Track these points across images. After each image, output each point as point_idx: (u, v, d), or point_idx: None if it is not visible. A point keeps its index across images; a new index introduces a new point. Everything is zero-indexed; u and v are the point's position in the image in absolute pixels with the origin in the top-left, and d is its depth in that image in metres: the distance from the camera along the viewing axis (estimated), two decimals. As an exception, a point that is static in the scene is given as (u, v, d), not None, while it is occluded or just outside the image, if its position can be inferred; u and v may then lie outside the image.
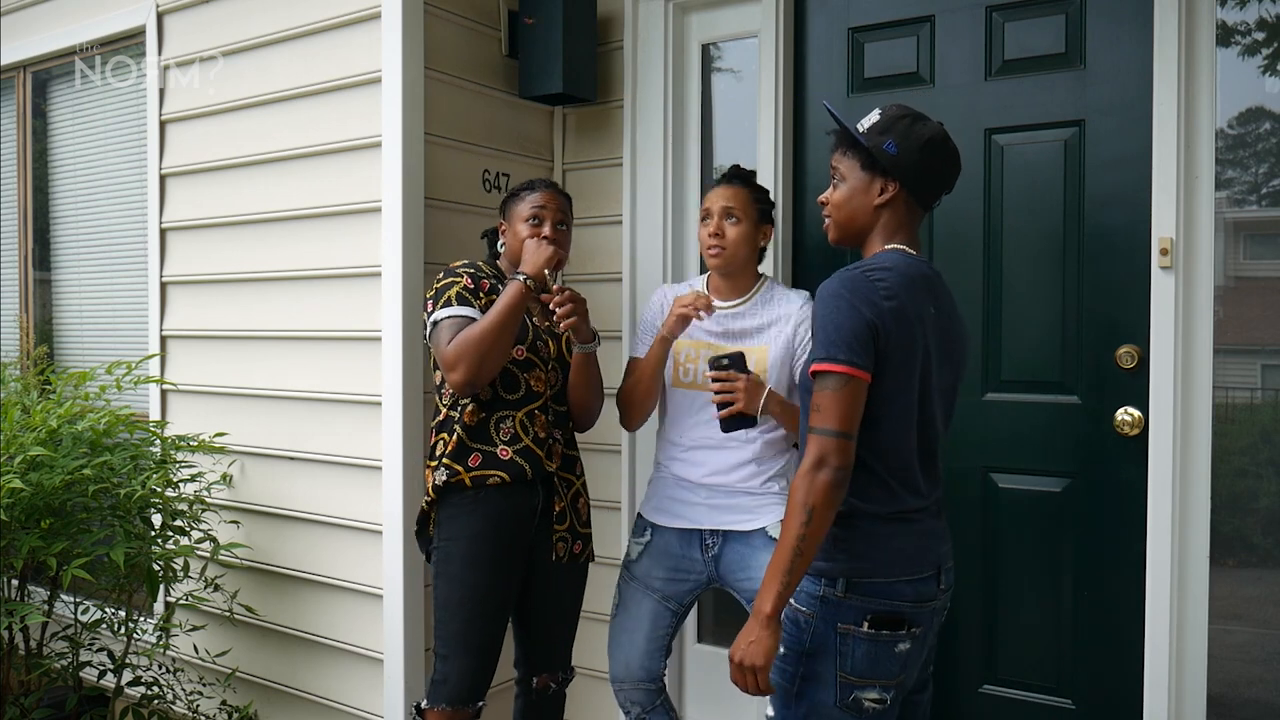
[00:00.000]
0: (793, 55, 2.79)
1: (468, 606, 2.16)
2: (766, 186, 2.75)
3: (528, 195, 2.32)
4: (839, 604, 1.71)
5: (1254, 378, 2.43)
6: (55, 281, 3.82)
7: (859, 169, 1.80)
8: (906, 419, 1.71)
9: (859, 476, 1.70)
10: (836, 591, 1.71)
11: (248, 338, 3.04)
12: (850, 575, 1.71)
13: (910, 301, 1.69)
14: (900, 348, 1.67)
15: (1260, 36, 2.33)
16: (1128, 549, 2.38)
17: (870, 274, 1.69)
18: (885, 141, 1.75)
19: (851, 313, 1.65)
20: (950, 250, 2.59)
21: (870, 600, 1.71)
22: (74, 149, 3.72)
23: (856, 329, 1.64)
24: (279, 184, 2.93)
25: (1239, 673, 2.42)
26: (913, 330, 1.68)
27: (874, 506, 1.72)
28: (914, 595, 1.73)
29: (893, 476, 1.72)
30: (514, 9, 2.91)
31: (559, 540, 2.30)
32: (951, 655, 2.61)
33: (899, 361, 1.67)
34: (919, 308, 1.70)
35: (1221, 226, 2.32)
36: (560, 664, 2.39)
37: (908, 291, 1.69)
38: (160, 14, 3.23)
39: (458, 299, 2.18)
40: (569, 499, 2.33)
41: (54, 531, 2.54)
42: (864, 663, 1.70)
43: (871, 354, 1.65)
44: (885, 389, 1.68)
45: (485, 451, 2.19)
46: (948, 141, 1.78)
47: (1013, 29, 2.51)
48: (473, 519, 2.17)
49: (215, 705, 3.06)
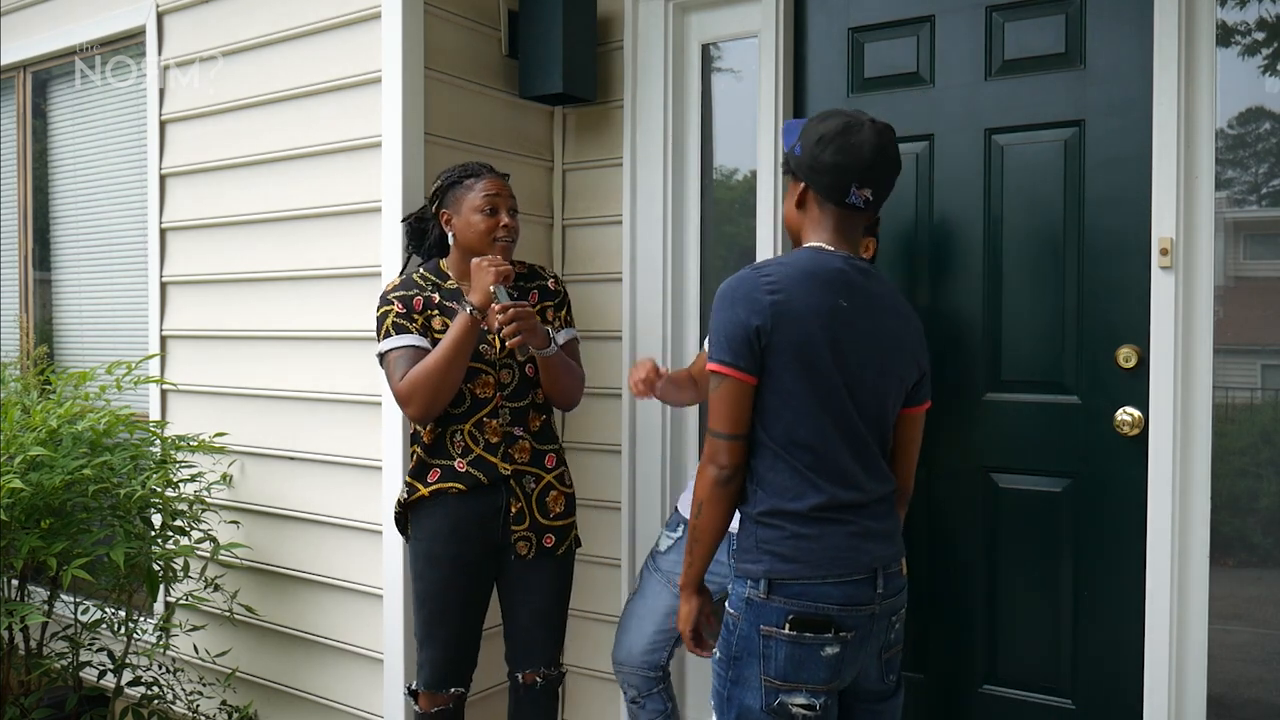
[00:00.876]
0: (793, 55, 2.79)
1: (430, 602, 2.30)
2: (766, 183, 2.77)
3: (475, 183, 2.33)
4: (762, 605, 1.70)
5: (1254, 378, 2.43)
6: (55, 281, 3.82)
7: (786, 177, 1.90)
8: (816, 413, 1.70)
9: (776, 473, 1.72)
10: (759, 593, 1.70)
11: (248, 338, 3.04)
12: (772, 576, 1.70)
13: (802, 296, 1.70)
14: (791, 343, 1.68)
15: (1260, 36, 2.33)
16: (1128, 549, 2.38)
17: (760, 270, 1.74)
18: (794, 145, 1.83)
19: (730, 314, 1.70)
20: (950, 250, 2.59)
21: (792, 602, 1.69)
22: (74, 149, 3.72)
23: (733, 330, 1.69)
24: (279, 184, 2.93)
25: (1239, 673, 2.42)
26: (804, 325, 1.69)
27: (796, 504, 1.71)
28: (842, 598, 1.70)
29: (812, 471, 1.71)
30: (514, 9, 2.91)
31: (519, 540, 2.31)
32: (951, 655, 2.61)
33: (791, 356, 1.68)
34: (815, 302, 1.70)
35: (1221, 226, 2.32)
36: (542, 660, 2.38)
37: (801, 286, 1.70)
38: (160, 14, 3.23)
39: (394, 329, 2.28)
40: (536, 495, 2.33)
41: (54, 531, 2.54)
42: (787, 666, 1.69)
43: (751, 354, 1.69)
44: (783, 383, 1.69)
45: (444, 466, 2.30)
46: (849, 134, 1.75)
47: (1013, 29, 2.51)
48: (432, 520, 2.30)
49: (215, 705, 3.06)
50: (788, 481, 1.71)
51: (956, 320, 2.59)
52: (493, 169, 2.38)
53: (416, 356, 2.23)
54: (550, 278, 2.47)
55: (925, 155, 2.62)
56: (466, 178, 2.34)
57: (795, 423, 1.70)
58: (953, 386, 2.59)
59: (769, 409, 1.71)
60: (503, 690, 2.72)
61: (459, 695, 2.36)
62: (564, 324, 2.44)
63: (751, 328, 1.67)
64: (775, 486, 1.72)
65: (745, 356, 1.69)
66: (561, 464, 2.42)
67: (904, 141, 2.64)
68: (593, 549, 2.94)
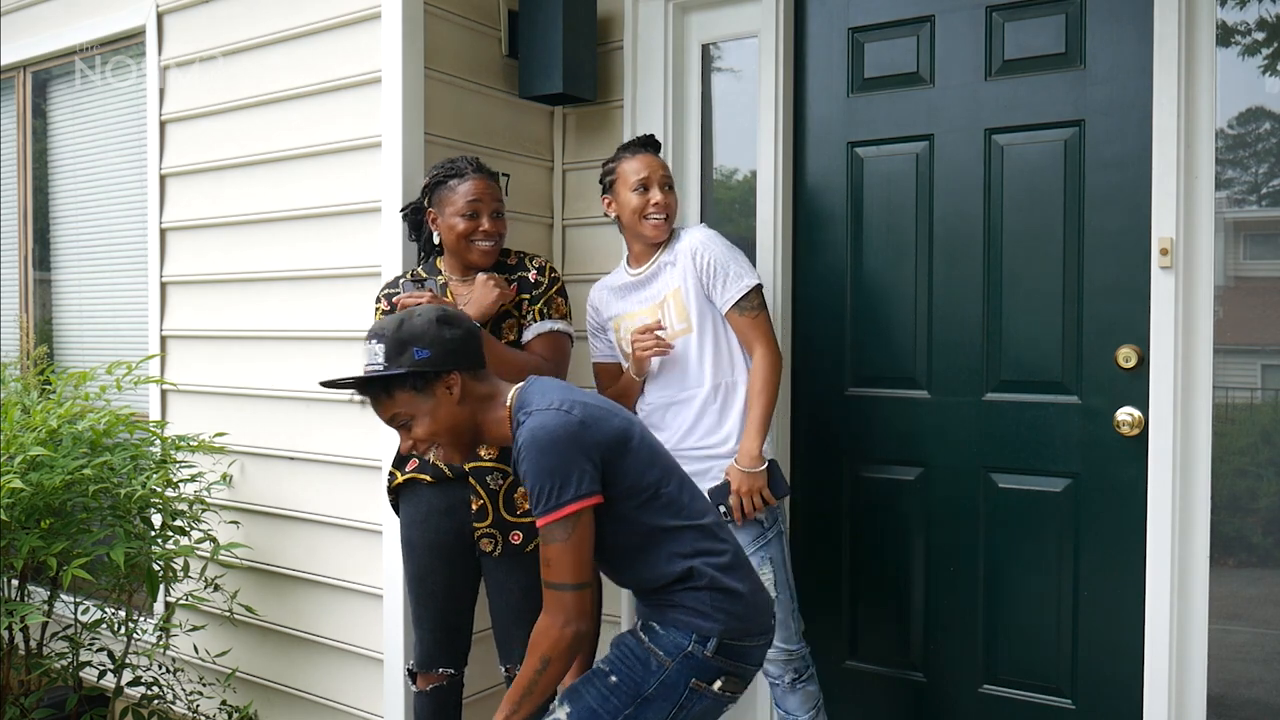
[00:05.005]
0: (793, 55, 2.79)
1: (414, 585, 2.39)
2: (766, 183, 2.77)
3: (458, 185, 2.32)
4: (703, 662, 1.74)
5: (1254, 378, 2.43)
6: (55, 281, 3.81)
7: (416, 395, 1.79)
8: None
9: (688, 534, 1.78)
10: (706, 650, 1.74)
11: (248, 338, 3.04)
12: (725, 636, 1.75)
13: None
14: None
15: (1260, 36, 2.33)
16: (1128, 549, 2.38)
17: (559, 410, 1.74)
18: (420, 356, 1.77)
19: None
20: (950, 250, 2.59)
21: (730, 662, 1.76)
22: (74, 149, 3.72)
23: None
24: (279, 184, 2.93)
25: (1239, 673, 2.42)
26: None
27: (716, 560, 1.79)
28: (757, 660, 1.82)
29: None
30: (514, 9, 2.91)
31: (483, 537, 2.31)
32: (951, 655, 2.61)
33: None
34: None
35: (1221, 226, 2.32)
36: (519, 656, 2.35)
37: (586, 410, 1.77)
38: (160, 14, 3.23)
39: None
40: (503, 491, 2.32)
41: (54, 531, 2.55)
42: (699, 716, 1.77)
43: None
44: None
45: (419, 458, 2.34)
46: (440, 311, 1.83)
47: (1013, 29, 2.51)
48: (409, 506, 2.38)
49: (215, 705, 3.05)
50: (696, 537, 1.80)
51: (956, 320, 2.59)
52: (479, 165, 2.37)
53: None
54: (533, 269, 2.41)
55: (925, 155, 2.62)
56: (451, 177, 2.33)
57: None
58: (952, 386, 2.59)
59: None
60: (504, 690, 2.72)
61: (450, 676, 2.40)
62: (542, 317, 2.37)
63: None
64: (697, 547, 1.79)
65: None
66: None
67: (904, 141, 2.66)
68: (593, 549, 2.94)
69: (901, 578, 2.68)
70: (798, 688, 2.32)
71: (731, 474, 2.29)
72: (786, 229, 2.79)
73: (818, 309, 2.78)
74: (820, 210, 2.78)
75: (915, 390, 2.65)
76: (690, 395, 2.37)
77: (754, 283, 2.36)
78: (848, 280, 2.74)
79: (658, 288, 2.40)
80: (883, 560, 2.71)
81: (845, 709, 2.75)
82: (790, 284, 2.80)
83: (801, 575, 2.78)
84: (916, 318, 2.64)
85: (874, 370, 2.71)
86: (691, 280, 2.35)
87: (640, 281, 2.44)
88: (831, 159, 2.76)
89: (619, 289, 2.49)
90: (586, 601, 1.70)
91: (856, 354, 2.73)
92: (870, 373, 2.72)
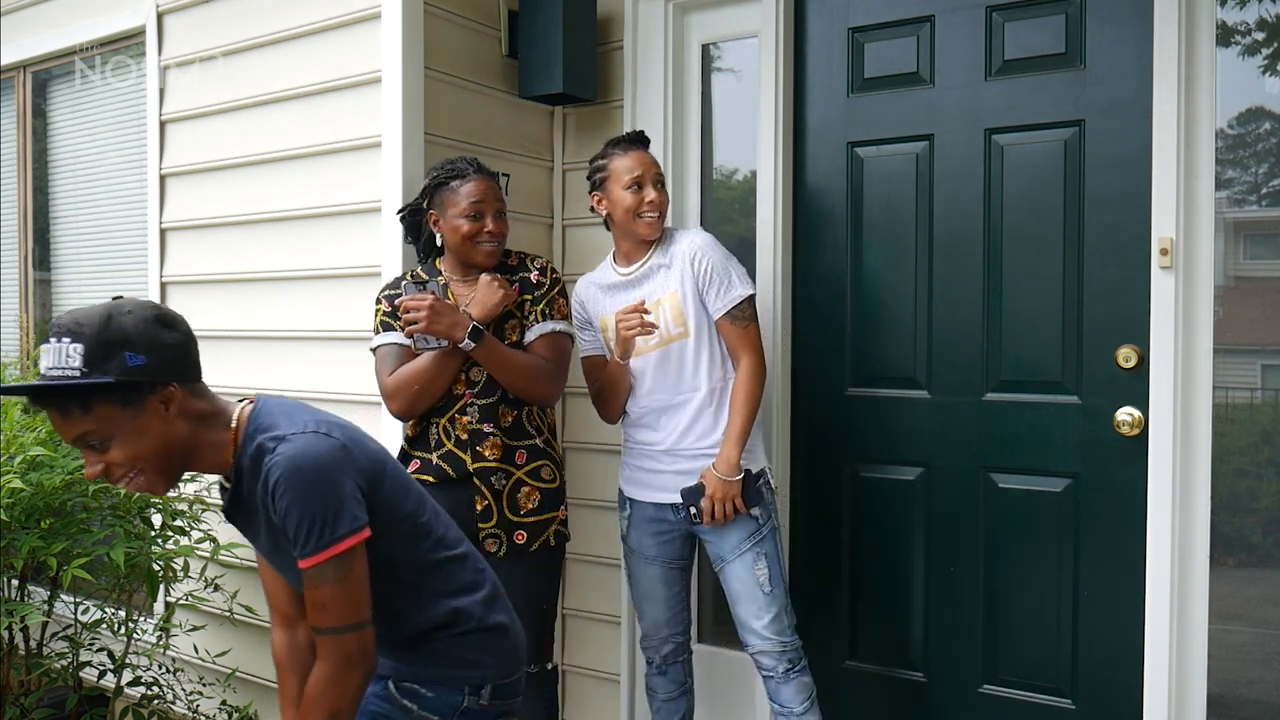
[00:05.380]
0: (793, 55, 2.79)
1: None
2: (766, 183, 2.77)
3: (461, 186, 2.31)
4: (480, 713, 1.66)
5: (1254, 378, 2.43)
6: (55, 281, 3.82)
7: (120, 410, 1.47)
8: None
9: (448, 569, 1.67)
10: (481, 700, 1.65)
11: (248, 337, 3.04)
12: (498, 679, 1.67)
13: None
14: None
15: (1260, 36, 2.33)
16: (1128, 549, 2.38)
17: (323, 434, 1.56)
18: (124, 361, 1.46)
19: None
20: (950, 250, 2.59)
21: (505, 702, 1.70)
22: (74, 149, 3.72)
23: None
24: (279, 184, 2.93)
25: (1239, 673, 2.42)
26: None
27: (478, 594, 1.70)
28: (522, 689, 1.74)
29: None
30: (514, 9, 2.91)
31: (487, 538, 2.30)
32: (951, 655, 2.61)
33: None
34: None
35: (1221, 226, 2.32)
36: (529, 657, 2.34)
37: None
38: (160, 14, 3.23)
39: (382, 326, 2.36)
40: (506, 491, 2.31)
41: (54, 531, 2.55)
42: None
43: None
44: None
45: (421, 457, 2.35)
46: (157, 309, 1.56)
47: (1013, 29, 2.51)
48: None
49: (215, 705, 3.05)
50: (453, 570, 1.70)
51: (956, 320, 2.59)
52: (480, 166, 2.36)
53: (400, 354, 2.30)
54: (535, 269, 2.41)
55: (925, 155, 2.62)
56: (452, 178, 2.32)
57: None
58: (952, 386, 2.59)
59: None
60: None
61: None
62: (544, 318, 2.37)
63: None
64: (453, 586, 1.68)
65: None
66: (539, 459, 2.36)
67: (904, 141, 2.66)
68: (592, 549, 2.94)
69: (901, 578, 2.68)
70: (791, 678, 2.33)
71: (708, 479, 2.29)
72: (786, 229, 2.79)
73: (818, 309, 2.78)
74: (820, 210, 2.78)
75: (915, 390, 2.65)
76: (686, 399, 2.37)
77: (749, 292, 2.36)
78: (848, 280, 2.74)
79: (650, 289, 2.40)
80: (882, 560, 2.71)
81: (845, 709, 2.75)
82: (790, 284, 2.80)
83: (801, 575, 2.78)
84: (916, 317, 2.64)
85: (874, 370, 2.71)
86: (690, 285, 2.35)
87: (631, 281, 2.43)
88: (831, 159, 2.76)
89: (608, 288, 2.47)
90: (370, 639, 1.52)
91: (856, 354, 2.73)
92: (870, 372, 2.72)
